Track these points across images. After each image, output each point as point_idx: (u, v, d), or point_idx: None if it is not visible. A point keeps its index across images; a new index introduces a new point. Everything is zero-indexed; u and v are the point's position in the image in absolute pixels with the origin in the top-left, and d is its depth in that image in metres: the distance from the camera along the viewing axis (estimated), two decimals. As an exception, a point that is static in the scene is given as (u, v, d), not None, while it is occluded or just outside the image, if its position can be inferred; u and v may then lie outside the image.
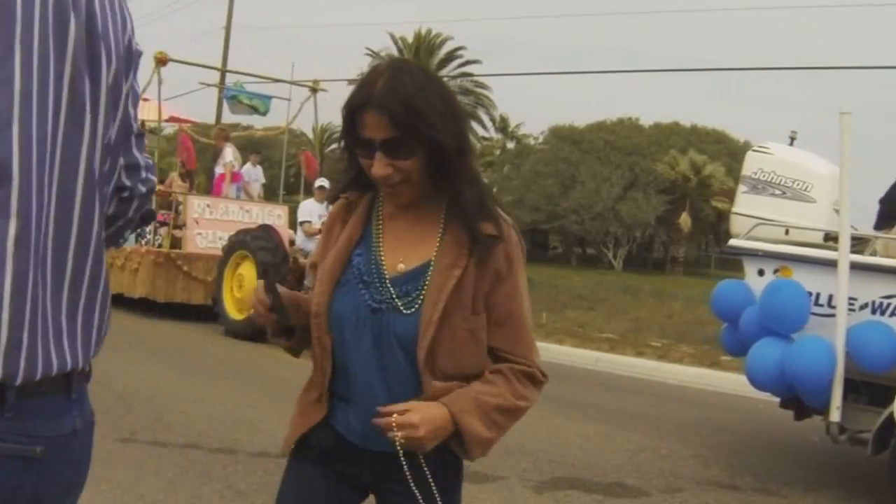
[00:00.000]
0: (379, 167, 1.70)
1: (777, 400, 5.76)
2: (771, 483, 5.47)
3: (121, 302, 12.75)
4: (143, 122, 15.02)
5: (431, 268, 1.78)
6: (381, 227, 1.86)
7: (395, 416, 1.65)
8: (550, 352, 11.08)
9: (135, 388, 7.16)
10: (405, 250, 1.81)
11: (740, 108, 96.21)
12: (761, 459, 6.09)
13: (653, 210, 40.37)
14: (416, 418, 1.66)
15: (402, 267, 1.80)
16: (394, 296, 1.77)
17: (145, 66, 15.03)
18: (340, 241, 1.86)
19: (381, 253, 1.83)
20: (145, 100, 14.11)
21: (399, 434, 1.65)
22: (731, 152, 43.70)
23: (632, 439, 6.42)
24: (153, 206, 1.77)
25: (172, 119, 15.49)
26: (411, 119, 1.65)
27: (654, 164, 40.88)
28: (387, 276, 1.79)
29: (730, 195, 41.57)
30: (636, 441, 6.37)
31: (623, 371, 10.11)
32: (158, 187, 12.85)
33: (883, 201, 5.94)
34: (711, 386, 9.34)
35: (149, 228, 12.81)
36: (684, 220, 40.38)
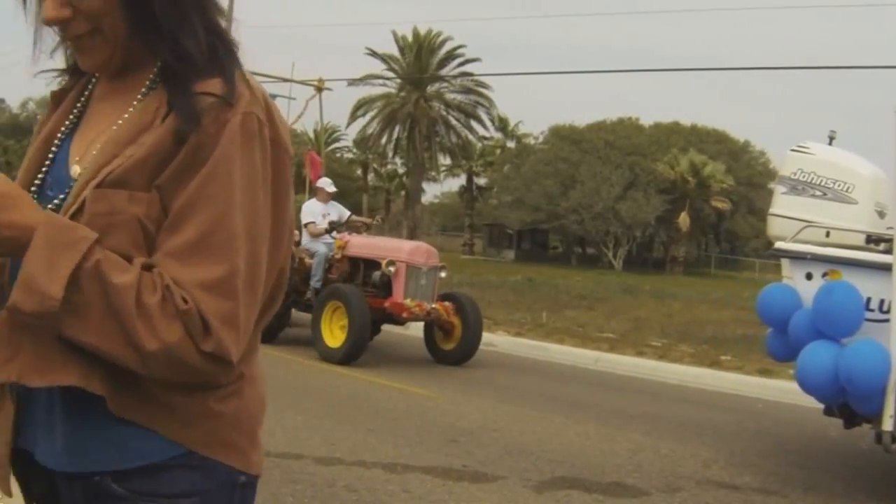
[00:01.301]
0: (52, 5, 1.17)
1: (812, 406, 5.50)
2: (771, 483, 5.46)
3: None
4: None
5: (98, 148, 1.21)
6: (79, 116, 1.30)
7: None
8: (550, 351, 11.09)
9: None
10: (95, 145, 1.23)
11: (740, 108, 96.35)
12: (761, 459, 6.08)
13: (653, 210, 40.41)
14: None
15: (76, 170, 1.23)
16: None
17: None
18: (37, 144, 1.31)
19: (71, 153, 1.26)
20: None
21: None
22: (731, 152, 43.82)
23: (632, 439, 6.41)
24: None
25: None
26: None
27: (654, 164, 40.91)
28: (72, 188, 1.21)
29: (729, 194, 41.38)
30: (636, 441, 6.36)
31: (623, 371, 10.09)
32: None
33: None
34: (711, 386, 9.33)
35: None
36: (684, 219, 40.42)
